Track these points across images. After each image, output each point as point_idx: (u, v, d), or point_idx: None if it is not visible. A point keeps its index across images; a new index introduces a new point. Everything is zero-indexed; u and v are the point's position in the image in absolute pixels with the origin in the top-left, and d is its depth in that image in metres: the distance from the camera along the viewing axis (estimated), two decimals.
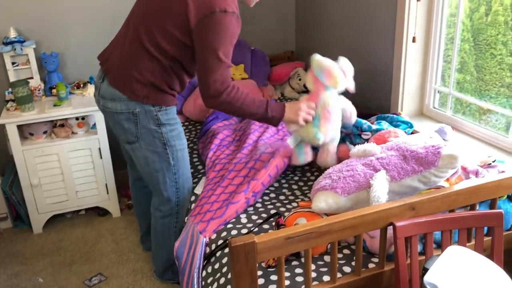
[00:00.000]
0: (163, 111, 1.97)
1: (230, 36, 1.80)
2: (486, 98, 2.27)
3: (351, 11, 2.78)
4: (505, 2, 2.10)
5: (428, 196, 1.52)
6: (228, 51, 1.82)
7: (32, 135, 2.71)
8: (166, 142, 2.01)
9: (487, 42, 2.23)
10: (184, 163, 2.11)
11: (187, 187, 2.16)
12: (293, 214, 1.71)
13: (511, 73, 2.15)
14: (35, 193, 2.76)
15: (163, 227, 2.21)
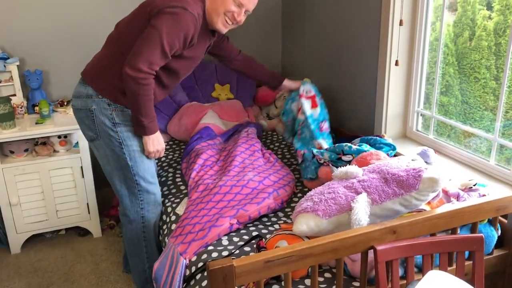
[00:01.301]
0: (119, 110, 2.01)
1: (180, 30, 1.88)
2: (471, 121, 2.29)
3: (335, 35, 2.82)
4: (488, 27, 2.14)
5: (409, 220, 1.52)
6: (172, 41, 1.88)
7: (12, 153, 2.67)
8: (122, 141, 2.04)
9: (471, 66, 2.27)
10: (144, 166, 2.10)
11: (152, 191, 2.15)
12: (274, 237, 1.69)
13: (495, 97, 2.18)
14: (14, 212, 2.71)
15: (131, 234, 2.21)
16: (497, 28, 2.12)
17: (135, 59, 1.86)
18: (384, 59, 2.40)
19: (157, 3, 1.92)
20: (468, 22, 2.26)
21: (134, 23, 1.97)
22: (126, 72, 1.86)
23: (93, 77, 2.04)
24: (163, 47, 1.86)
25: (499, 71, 2.14)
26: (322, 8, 2.91)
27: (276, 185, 2.16)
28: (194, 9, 1.91)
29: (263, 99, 3.34)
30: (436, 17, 2.33)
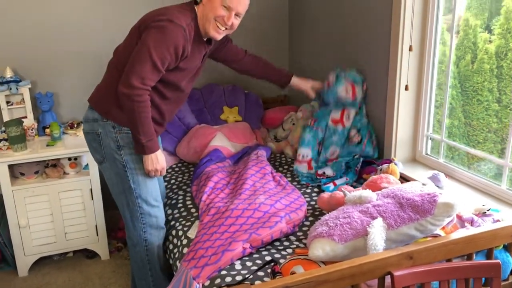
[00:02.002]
0: (124, 133, 2.03)
1: (169, 42, 1.89)
2: (474, 143, 2.31)
3: (345, 61, 2.85)
4: (490, 50, 2.18)
5: (426, 245, 1.52)
6: (163, 55, 1.89)
7: (23, 174, 2.68)
8: (125, 164, 2.05)
9: (473, 88, 2.30)
10: (147, 189, 2.11)
11: (154, 215, 2.15)
12: (289, 262, 1.68)
13: (497, 119, 2.21)
14: (23, 234, 2.70)
15: (136, 257, 2.21)
16: (498, 51, 2.16)
17: (127, 76, 1.89)
18: (394, 84, 2.43)
19: (145, 19, 1.97)
20: (470, 45, 2.30)
21: (129, 44, 2.01)
22: (121, 90, 1.90)
23: (97, 101, 2.08)
24: (153, 61, 1.88)
25: (502, 94, 2.17)
26: (331, 33, 2.95)
27: (287, 208, 2.16)
28: (182, 20, 1.92)
29: (271, 121, 3.36)
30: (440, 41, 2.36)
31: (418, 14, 2.32)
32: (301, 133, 2.88)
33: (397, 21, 2.34)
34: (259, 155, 2.67)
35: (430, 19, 2.31)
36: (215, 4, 1.98)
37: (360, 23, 2.64)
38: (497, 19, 2.17)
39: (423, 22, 2.34)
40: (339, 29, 2.86)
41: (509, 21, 2.09)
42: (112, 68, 2.07)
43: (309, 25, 3.20)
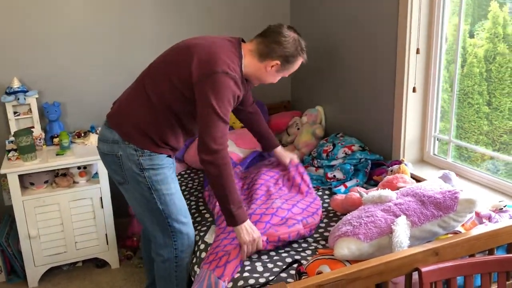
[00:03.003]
0: (146, 156, 1.97)
1: (228, 95, 1.87)
2: (458, 147, 2.41)
3: (351, 62, 2.90)
4: (479, 55, 2.25)
5: (450, 241, 1.55)
6: (227, 109, 1.88)
7: (32, 184, 2.67)
8: (151, 186, 2.00)
9: (464, 92, 2.36)
10: (175, 208, 2.07)
11: (185, 232, 2.12)
12: (314, 262, 1.70)
13: (488, 121, 2.27)
14: (33, 245, 2.68)
15: (164, 272, 2.18)
16: (487, 55, 2.23)
17: (206, 143, 1.85)
18: (401, 86, 2.48)
19: (196, 67, 1.88)
20: (460, 49, 2.36)
21: (166, 72, 1.95)
22: (203, 158, 1.86)
23: (118, 122, 2.00)
24: (223, 119, 1.86)
25: (491, 97, 2.24)
26: (336, 35, 3.00)
27: (305, 213, 2.18)
28: (234, 69, 1.90)
29: (276, 126, 3.39)
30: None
31: (424, 17, 2.38)
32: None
33: (403, 24, 2.39)
34: (272, 161, 2.68)
35: (436, 22, 2.37)
36: (275, 74, 2.06)
37: (366, 27, 2.69)
38: (480, 24, 2.24)
39: (429, 25, 2.39)
40: (345, 33, 2.91)
41: (496, 26, 2.17)
42: (141, 89, 1.99)
43: (313, 28, 3.24)
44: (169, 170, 2.06)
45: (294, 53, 2.03)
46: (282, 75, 2.10)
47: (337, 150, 2.78)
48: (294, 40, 2.02)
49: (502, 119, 2.22)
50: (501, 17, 2.17)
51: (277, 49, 1.99)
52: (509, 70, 2.15)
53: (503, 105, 2.22)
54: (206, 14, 3.28)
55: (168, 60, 1.99)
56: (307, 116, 3.27)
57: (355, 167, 2.62)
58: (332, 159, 2.75)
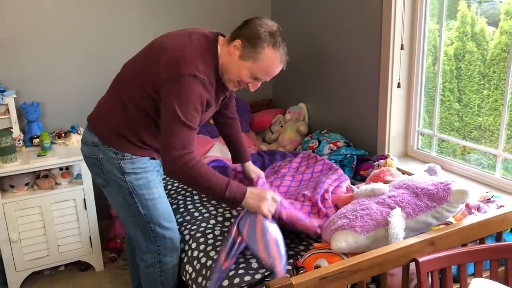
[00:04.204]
0: (127, 160, 1.92)
1: (194, 100, 1.74)
2: (439, 141, 2.48)
3: (334, 59, 2.92)
4: (449, 53, 2.32)
5: (445, 231, 1.58)
6: (192, 115, 1.74)
7: (13, 187, 2.58)
8: (133, 191, 1.95)
9: (435, 89, 2.43)
10: (158, 213, 2.01)
11: (168, 237, 2.07)
12: (310, 256, 1.70)
13: (459, 117, 2.35)
14: (14, 249, 2.60)
15: (149, 277, 2.14)
16: (456, 53, 2.31)
17: (167, 152, 1.74)
18: (386, 82, 2.52)
19: (163, 69, 1.76)
20: (431, 48, 2.43)
21: (136, 76, 1.86)
22: (169, 169, 1.76)
23: (97, 125, 1.94)
24: (186, 125, 1.73)
25: (461, 94, 2.32)
26: (319, 32, 3.02)
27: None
28: (204, 71, 1.75)
29: (259, 124, 3.40)
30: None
31: (408, 13, 2.42)
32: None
33: (388, 20, 2.42)
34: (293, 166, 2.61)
35: (419, 18, 2.42)
36: (242, 71, 1.79)
37: (350, 23, 2.72)
38: (447, 23, 2.31)
39: (412, 22, 2.44)
40: (327, 29, 2.93)
41: (464, 25, 2.24)
42: (115, 92, 1.92)
43: (294, 24, 3.26)
44: (152, 174, 1.99)
45: (261, 36, 1.75)
46: (248, 67, 1.78)
47: (323, 147, 2.81)
48: (268, 28, 1.78)
49: (472, 115, 2.30)
50: (469, 16, 2.24)
51: (243, 29, 1.79)
52: (477, 67, 2.23)
53: (473, 102, 2.30)
54: (187, 12, 3.25)
55: (137, 63, 1.90)
56: (290, 114, 3.28)
57: (341, 162, 2.65)
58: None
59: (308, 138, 3.00)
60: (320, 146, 2.82)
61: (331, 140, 2.83)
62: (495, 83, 2.16)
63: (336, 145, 2.79)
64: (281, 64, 1.83)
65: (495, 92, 2.17)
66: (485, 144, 2.26)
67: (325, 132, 2.95)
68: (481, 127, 2.29)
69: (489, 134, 2.24)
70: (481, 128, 2.28)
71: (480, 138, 2.29)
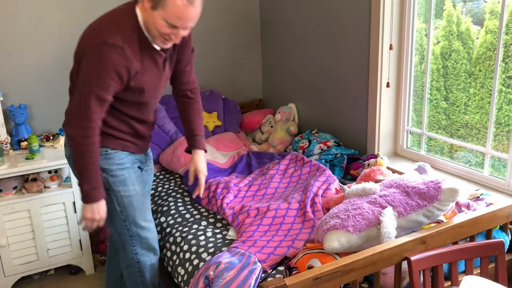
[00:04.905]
0: (102, 155, 1.87)
1: (109, 68, 1.69)
2: (427, 139, 2.52)
3: (322, 58, 2.93)
4: (435, 52, 2.35)
5: (436, 230, 1.59)
6: (105, 84, 1.70)
7: (0, 191, 2.54)
8: (109, 187, 1.92)
9: (423, 88, 2.46)
10: (134, 211, 1.97)
11: (144, 236, 2.02)
12: (303, 256, 1.71)
13: (446, 116, 2.38)
14: (2, 254, 2.56)
15: (130, 278, 2.12)
16: (443, 52, 2.34)
17: (70, 116, 1.73)
18: (375, 81, 2.53)
19: (80, 42, 1.78)
20: (418, 47, 2.46)
21: (75, 72, 1.84)
22: (66, 131, 1.75)
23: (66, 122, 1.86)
24: (96, 94, 1.69)
25: (448, 92, 2.35)
26: (307, 30, 3.03)
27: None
28: (119, 37, 1.69)
29: (249, 125, 3.40)
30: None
31: (396, 13, 2.44)
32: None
33: (376, 22, 2.44)
34: (281, 168, 2.62)
35: (407, 18, 2.43)
36: (157, 21, 1.70)
37: (339, 22, 2.73)
38: (434, 22, 2.34)
39: (400, 21, 2.46)
40: (316, 29, 2.94)
41: (450, 24, 2.27)
42: (70, 95, 1.88)
43: (283, 24, 3.27)
44: (129, 171, 1.95)
45: None
46: (161, 15, 1.68)
47: (313, 146, 2.81)
48: None
49: (459, 113, 2.33)
50: (455, 15, 2.27)
51: None
52: (463, 66, 2.26)
53: (459, 100, 2.32)
54: None
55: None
56: (280, 114, 3.29)
57: (331, 162, 2.66)
58: (308, 155, 2.78)
59: (298, 138, 3.00)
60: (310, 146, 2.83)
61: (321, 140, 2.84)
62: (481, 81, 2.18)
63: (326, 144, 2.80)
64: (191, 6, 1.69)
65: (481, 90, 2.20)
66: (472, 142, 2.29)
67: (315, 132, 2.96)
68: (468, 125, 2.31)
69: (476, 132, 2.27)
70: (468, 126, 2.31)
71: (467, 136, 2.31)
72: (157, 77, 1.88)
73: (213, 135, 3.18)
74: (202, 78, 3.44)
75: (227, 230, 2.20)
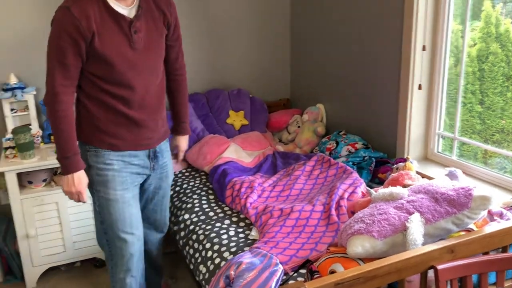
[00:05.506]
0: (92, 152, 1.86)
1: (60, 29, 1.68)
2: (460, 143, 2.43)
3: (351, 59, 2.88)
4: (471, 54, 2.26)
5: (466, 239, 1.53)
6: (57, 48, 1.70)
7: (31, 183, 2.60)
8: (92, 185, 1.90)
9: (457, 91, 2.37)
10: (110, 216, 1.91)
11: (119, 246, 1.95)
12: (325, 260, 1.67)
13: (481, 120, 2.28)
14: (31, 244, 2.62)
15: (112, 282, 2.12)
16: (480, 54, 2.24)
17: (45, 83, 1.76)
18: (406, 83, 2.46)
19: None
20: (453, 49, 2.37)
21: None
22: (44, 99, 1.79)
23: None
24: (56, 60, 1.71)
25: (484, 96, 2.25)
26: (338, 31, 2.98)
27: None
28: (70, 1, 1.69)
29: (276, 124, 3.37)
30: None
31: (430, 13, 2.36)
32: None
33: (409, 20, 2.37)
34: (307, 169, 2.58)
35: (442, 19, 2.36)
36: None
37: (370, 23, 2.67)
38: (470, 24, 2.25)
39: (435, 22, 2.38)
40: (347, 28, 2.89)
41: (489, 25, 2.18)
42: None
43: (314, 23, 3.22)
44: (113, 173, 1.88)
45: None
46: None
47: (340, 148, 2.77)
48: None
49: (495, 118, 2.23)
50: (493, 16, 2.18)
51: None
52: (501, 69, 2.16)
53: (496, 104, 2.23)
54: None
55: None
56: (308, 114, 3.25)
57: (359, 165, 2.61)
58: (335, 157, 2.73)
59: (325, 139, 2.96)
60: (338, 147, 2.78)
61: (349, 141, 2.78)
62: None
63: (355, 147, 2.74)
64: None
65: None
66: (508, 148, 2.20)
67: (343, 133, 2.91)
68: (503, 130, 2.22)
69: None
70: (504, 131, 2.22)
71: (502, 142, 2.22)
72: (123, 44, 1.77)
73: (240, 134, 3.17)
74: (230, 76, 3.43)
75: (250, 230, 2.18)
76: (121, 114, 1.85)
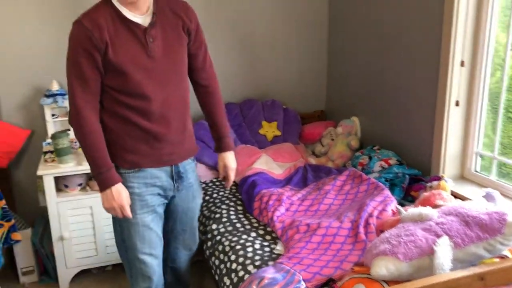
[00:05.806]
0: (120, 170, 1.83)
1: (75, 45, 1.68)
2: (500, 164, 2.31)
3: (387, 72, 2.82)
4: None
5: (498, 266, 1.46)
6: (74, 64, 1.68)
7: (67, 187, 2.69)
8: None
9: (504, 106, 2.26)
10: (130, 237, 1.89)
11: (138, 266, 1.94)
12: (349, 280, 1.64)
13: None
14: (65, 246, 2.71)
15: None
16: None
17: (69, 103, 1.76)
18: (443, 99, 2.39)
19: None
20: (500, 62, 2.26)
21: None
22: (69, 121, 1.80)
23: None
24: (74, 76, 1.69)
25: None
26: (375, 44, 2.93)
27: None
28: (82, 16, 1.69)
29: (309, 136, 3.34)
30: None
31: (470, 28, 2.29)
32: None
33: (448, 35, 2.30)
34: (337, 184, 2.55)
35: (483, 33, 2.27)
36: None
37: (407, 36, 2.62)
38: None
39: (475, 37, 2.30)
40: (383, 42, 2.84)
41: None
42: None
43: (351, 36, 3.19)
44: (134, 196, 1.83)
45: None
46: None
47: (373, 163, 2.71)
48: None
49: None
50: None
51: None
52: None
53: None
54: None
55: None
56: (342, 127, 3.20)
57: (392, 181, 2.54)
58: (368, 173, 2.67)
59: (359, 154, 2.90)
60: (370, 162, 2.73)
61: (382, 157, 2.72)
62: None
63: (388, 162, 2.68)
64: None
65: None
66: None
67: (377, 148, 2.85)
68: None
69: None
70: None
71: None
72: (139, 52, 1.73)
73: (272, 145, 3.16)
74: (264, 87, 3.44)
75: (276, 244, 2.17)
76: (139, 127, 1.78)
